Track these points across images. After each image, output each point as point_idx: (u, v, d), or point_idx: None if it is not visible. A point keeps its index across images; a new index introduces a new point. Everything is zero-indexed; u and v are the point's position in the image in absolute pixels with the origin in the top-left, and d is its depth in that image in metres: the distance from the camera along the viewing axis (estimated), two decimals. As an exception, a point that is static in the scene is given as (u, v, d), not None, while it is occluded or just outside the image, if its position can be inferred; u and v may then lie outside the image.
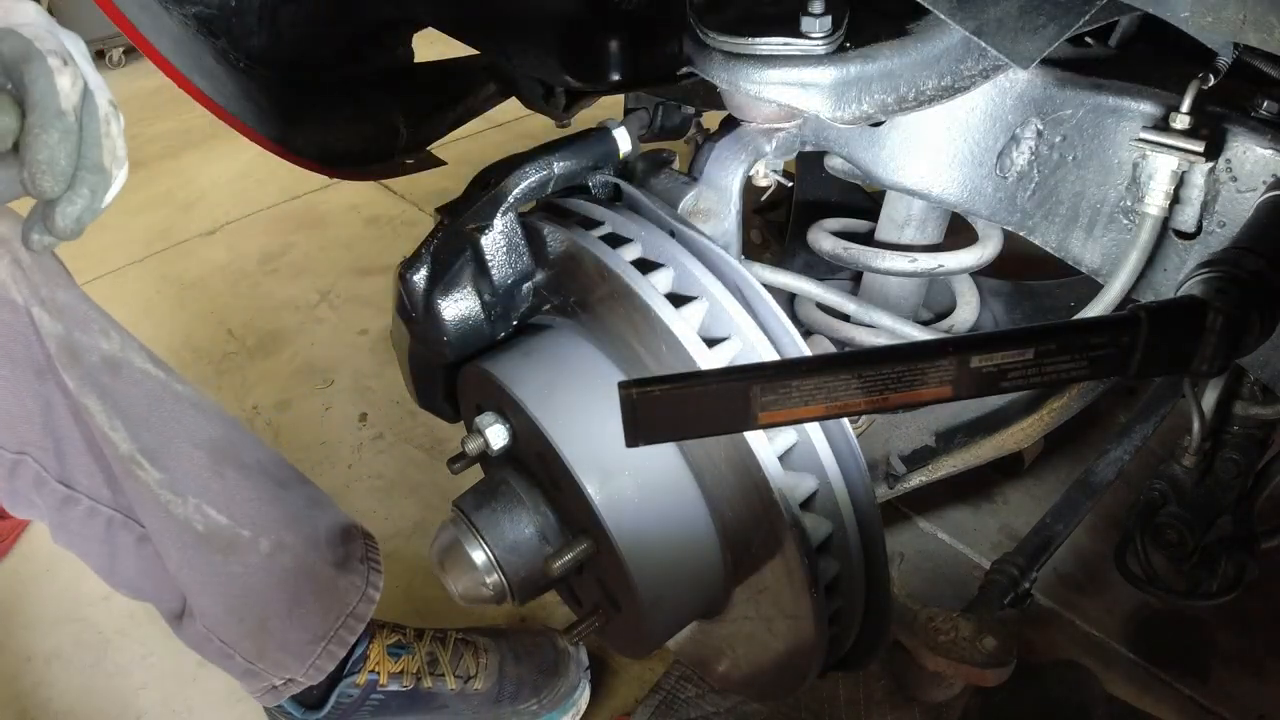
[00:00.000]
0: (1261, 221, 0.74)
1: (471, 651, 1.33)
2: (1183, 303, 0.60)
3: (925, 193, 0.98)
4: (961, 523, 1.62)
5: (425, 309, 0.90)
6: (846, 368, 0.55)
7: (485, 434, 0.89)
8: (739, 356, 0.79)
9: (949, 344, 0.55)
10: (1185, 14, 0.66)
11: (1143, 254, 0.83)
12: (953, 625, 1.08)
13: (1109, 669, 1.40)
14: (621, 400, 0.56)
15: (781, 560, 0.80)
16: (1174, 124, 0.79)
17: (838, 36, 0.82)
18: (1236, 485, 1.24)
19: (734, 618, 0.94)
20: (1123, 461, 1.33)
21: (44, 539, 1.27)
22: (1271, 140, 0.77)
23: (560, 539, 0.89)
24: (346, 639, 1.23)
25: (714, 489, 0.83)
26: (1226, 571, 1.26)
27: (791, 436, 0.79)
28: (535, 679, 1.33)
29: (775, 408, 0.56)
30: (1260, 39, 0.65)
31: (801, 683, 0.91)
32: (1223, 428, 1.22)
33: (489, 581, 0.89)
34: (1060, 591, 1.51)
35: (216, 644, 1.20)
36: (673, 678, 1.37)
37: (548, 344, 0.90)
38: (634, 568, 0.83)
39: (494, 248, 0.87)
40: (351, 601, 1.23)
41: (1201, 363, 0.60)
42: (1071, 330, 0.57)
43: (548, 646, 1.37)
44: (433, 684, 1.30)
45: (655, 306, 0.77)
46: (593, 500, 0.81)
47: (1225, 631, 1.46)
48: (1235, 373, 1.18)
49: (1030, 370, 0.56)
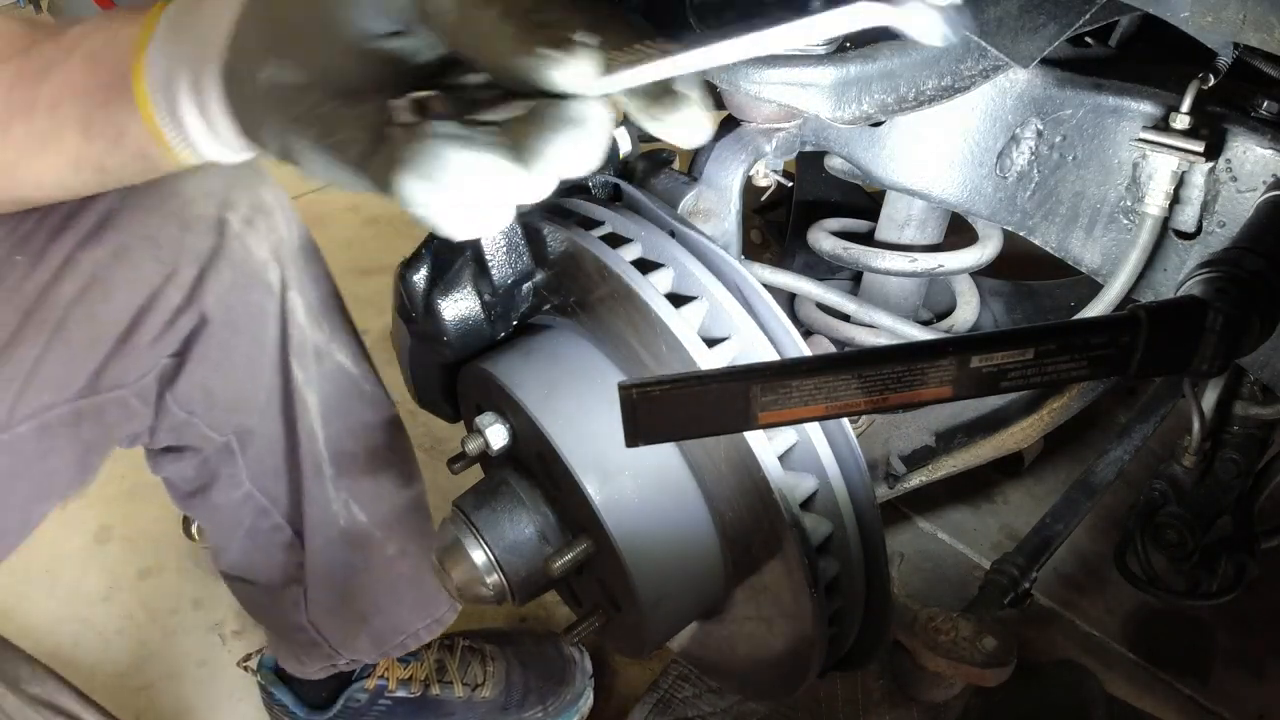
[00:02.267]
0: (1261, 221, 0.74)
1: (479, 659, 1.33)
2: (1183, 303, 0.60)
3: (925, 193, 0.98)
4: (961, 523, 1.62)
5: (425, 309, 0.90)
6: (846, 368, 0.55)
7: (485, 434, 0.89)
8: (739, 356, 0.79)
9: (949, 344, 0.55)
10: (1185, 14, 0.66)
11: (1143, 254, 0.83)
12: (953, 625, 1.08)
13: (1109, 669, 1.40)
14: (621, 400, 0.56)
15: (781, 560, 0.80)
16: (1174, 124, 0.79)
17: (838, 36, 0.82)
18: (1236, 485, 1.24)
19: (734, 618, 0.94)
20: (1123, 461, 1.33)
21: (44, 538, 1.27)
22: (1271, 140, 0.77)
23: (560, 539, 0.89)
24: (424, 638, 1.25)
25: (714, 489, 0.83)
26: (1226, 571, 1.26)
27: (791, 436, 0.79)
28: (541, 686, 1.33)
29: (775, 408, 0.56)
30: (1260, 39, 0.65)
31: (801, 683, 0.91)
32: (1223, 428, 1.22)
33: (489, 581, 0.89)
34: (1060, 591, 1.51)
35: (310, 634, 1.20)
36: (670, 677, 1.37)
37: (548, 344, 0.90)
38: (634, 568, 0.82)
39: (494, 248, 0.87)
40: (441, 609, 1.26)
41: (1201, 363, 0.60)
42: (1071, 330, 0.57)
43: (553, 653, 1.37)
44: (440, 691, 1.30)
45: (655, 306, 0.77)
46: (593, 500, 0.81)
47: (1225, 631, 1.46)
48: (1235, 373, 1.18)
49: (1030, 370, 0.56)
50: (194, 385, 0.97)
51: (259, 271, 0.96)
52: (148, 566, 1.63)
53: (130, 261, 0.90)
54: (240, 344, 0.97)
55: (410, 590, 1.21)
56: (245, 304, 0.96)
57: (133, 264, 0.90)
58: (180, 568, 1.62)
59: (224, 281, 0.93)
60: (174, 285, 0.91)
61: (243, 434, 1.04)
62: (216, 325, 0.95)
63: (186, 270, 0.92)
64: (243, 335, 0.97)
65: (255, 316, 0.97)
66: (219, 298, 0.94)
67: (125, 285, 0.90)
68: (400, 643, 1.24)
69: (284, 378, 1.01)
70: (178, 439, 1.03)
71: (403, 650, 1.25)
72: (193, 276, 0.92)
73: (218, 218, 0.92)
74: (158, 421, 0.99)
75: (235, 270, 0.94)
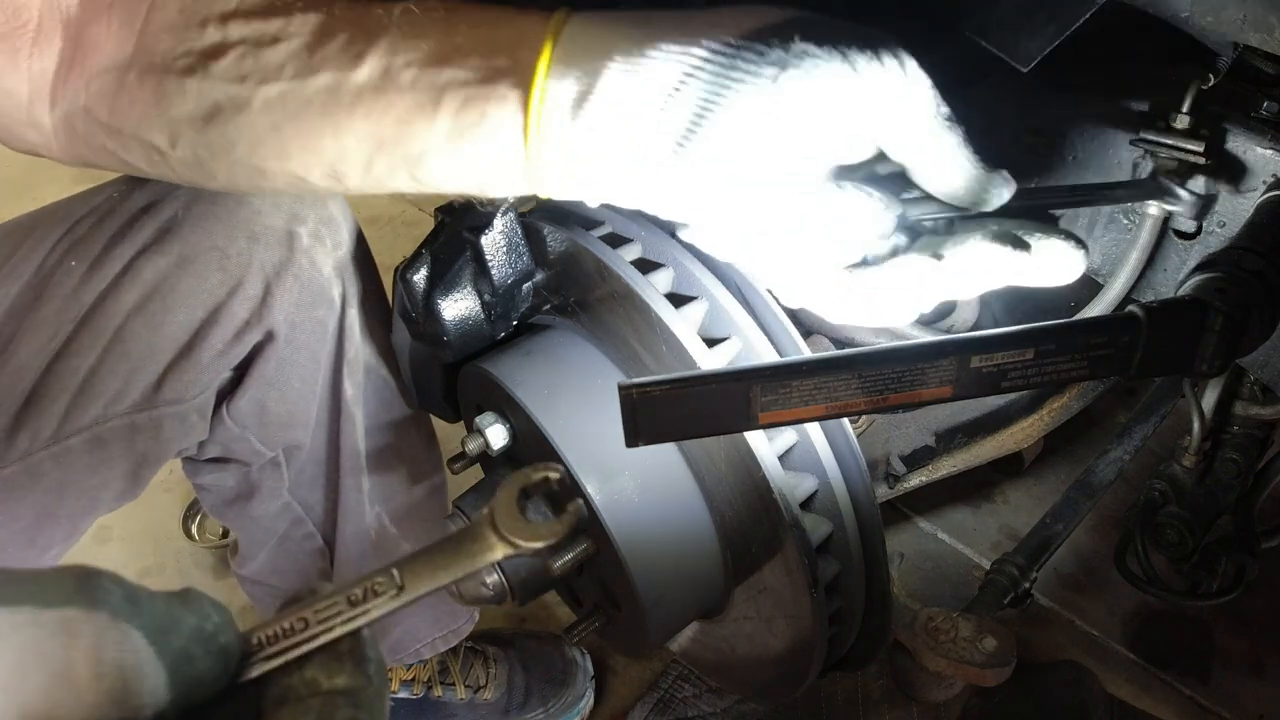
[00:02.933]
0: (1261, 221, 0.74)
1: (481, 661, 1.34)
2: (1183, 302, 0.60)
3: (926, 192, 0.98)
4: (961, 523, 1.62)
5: (425, 309, 0.90)
6: (846, 368, 0.55)
7: (485, 434, 0.89)
8: (739, 356, 0.79)
9: (949, 344, 0.55)
10: (1185, 14, 0.67)
11: (1143, 254, 0.83)
12: (953, 625, 1.07)
13: (1109, 669, 1.40)
14: (621, 400, 0.56)
15: (781, 560, 0.80)
16: (1174, 124, 0.79)
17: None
18: (1236, 485, 1.24)
19: (734, 618, 0.94)
20: (1123, 461, 1.32)
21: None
22: (1271, 140, 0.77)
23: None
24: (439, 648, 1.25)
25: (714, 489, 0.83)
26: (1226, 571, 1.26)
27: (791, 436, 0.79)
28: (543, 689, 1.33)
29: (775, 408, 0.56)
30: (1260, 39, 0.65)
31: (801, 683, 0.91)
32: (1223, 428, 1.22)
33: (489, 581, 0.89)
34: (1060, 591, 1.51)
35: None
36: (670, 677, 1.37)
37: (548, 344, 0.90)
38: (634, 568, 0.82)
39: (494, 248, 0.87)
40: (459, 621, 1.26)
41: (1201, 363, 0.60)
42: (1071, 330, 0.57)
43: (555, 655, 1.37)
44: (442, 693, 1.31)
45: (655, 306, 0.77)
46: (593, 500, 0.81)
47: (1225, 631, 1.46)
48: (1235, 373, 1.18)
49: (1030, 370, 0.56)
50: (251, 401, 0.95)
51: (325, 287, 0.93)
52: (148, 566, 1.63)
53: (195, 272, 0.86)
54: (300, 360, 0.95)
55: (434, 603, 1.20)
56: (310, 320, 0.93)
57: (197, 275, 0.86)
58: (180, 568, 1.62)
59: (291, 297, 0.91)
60: (239, 299, 0.88)
61: (290, 449, 1.02)
62: (280, 342, 0.92)
63: (253, 283, 0.88)
64: (302, 352, 0.95)
65: (316, 333, 0.95)
66: (286, 314, 0.91)
67: (188, 296, 0.87)
68: (415, 651, 1.24)
69: (335, 393, 1.00)
70: (225, 452, 1.01)
71: (416, 658, 1.25)
72: (259, 290, 0.89)
73: (287, 230, 0.89)
74: (211, 435, 0.97)
75: (302, 286, 0.91)
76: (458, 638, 1.26)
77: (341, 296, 0.95)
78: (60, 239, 0.88)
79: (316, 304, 0.93)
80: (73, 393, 0.86)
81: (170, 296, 0.86)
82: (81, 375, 0.86)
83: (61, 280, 0.86)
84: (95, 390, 0.86)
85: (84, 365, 0.86)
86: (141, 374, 0.88)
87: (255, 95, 0.61)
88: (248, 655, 0.37)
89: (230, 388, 0.95)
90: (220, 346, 0.90)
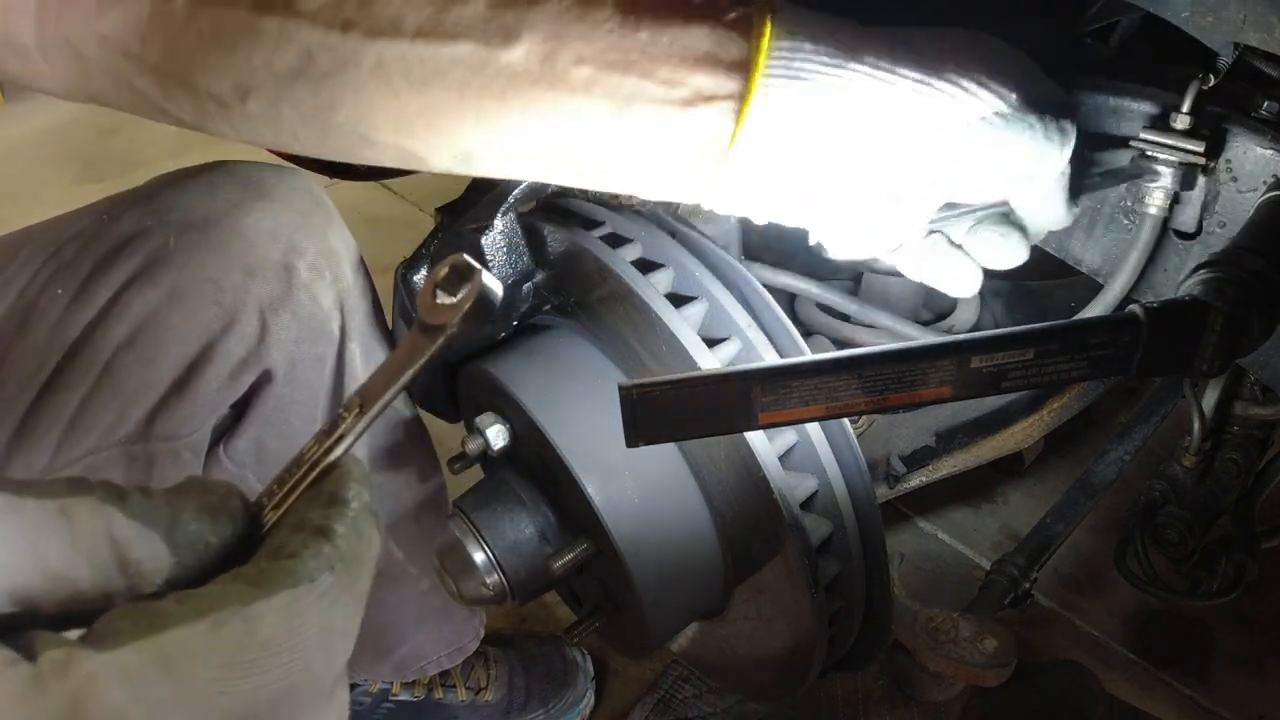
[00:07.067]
0: (1261, 221, 0.74)
1: (482, 663, 1.34)
2: (1183, 302, 0.60)
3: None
4: (961, 523, 1.62)
5: (425, 309, 0.90)
6: (846, 368, 0.55)
7: (485, 434, 0.89)
8: (739, 357, 0.79)
9: (949, 344, 0.55)
10: (1185, 14, 0.67)
11: (1143, 254, 0.83)
12: (953, 625, 1.07)
13: (1109, 669, 1.40)
14: (621, 400, 0.56)
15: (781, 560, 0.80)
16: (1174, 124, 0.79)
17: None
18: (1236, 485, 1.24)
19: (734, 618, 0.94)
20: (1123, 461, 1.32)
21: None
22: (1271, 140, 0.77)
23: (560, 539, 0.89)
24: (444, 665, 1.25)
25: (714, 489, 0.83)
26: (1226, 571, 1.26)
27: (791, 436, 0.79)
28: (544, 690, 1.34)
29: (775, 408, 0.56)
30: (1260, 39, 0.65)
31: (802, 683, 0.91)
32: (1223, 428, 1.22)
33: (489, 581, 0.89)
34: (1060, 591, 1.51)
35: None
36: (670, 677, 1.37)
37: (548, 344, 0.90)
38: (634, 568, 0.82)
39: (494, 248, 0.87)
40: (464, 640, 1.25)
41: (1202, 363, 0.60)
42: (1071, 330, 0.57)
43: (555, 656, 1.37)
44: (443, 695, 1.31)
45: (655, 306, 0.77)
46: (593, 500, 0.81)
47: (1225, 631, 1.46)
48: (1235, 373, 1.18)
49: (1030, 370, 0.56)
50: (249, 441, 0.93)
51: (324, 322, 0.90)
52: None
53: (187, 306, 0.83)
54: (299, 399, 0.92)
55: (440, 623, 1.21)
56: (309, 358, 0.90)
57: (190, 310, 0.83)
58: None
59: (289, 334, 0.87)
60: (234, 337, 0.85)
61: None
62: (279, 381, 0.89)
63: (249, 320, 0.85)
64: (302, 390, 0.92)
65: (315, 370, 0.91)
66: (285, 352, 0.88)
67: (181, 331, 0.83)
68: (420, 667, 1.24)
69: None
70: None
71: (420, 674, 1.25)
72: (256, 328, 0.85)
73: (284, 263, 0.86)
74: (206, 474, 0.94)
75: (301, 323, 0.88)
76: (463, 655, 1.26)
77: (341, 329, 0.92)
78: (46, 262, 0.84)
79: (316, 340, 0.90)
80: (64, 426, 0.83)
81: (163, 331, 0.83)
82: (72, 408, 0.83)
83: (47, 308, 0.83)
84: (87, 423, 0.83)
85: (74, 399, 0.83)
86: (135, 408, 0.84)
87: (364, 52, 0.49)
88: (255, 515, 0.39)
89: (228, 425, 0.93)
90: (216, 384, 0.86)
